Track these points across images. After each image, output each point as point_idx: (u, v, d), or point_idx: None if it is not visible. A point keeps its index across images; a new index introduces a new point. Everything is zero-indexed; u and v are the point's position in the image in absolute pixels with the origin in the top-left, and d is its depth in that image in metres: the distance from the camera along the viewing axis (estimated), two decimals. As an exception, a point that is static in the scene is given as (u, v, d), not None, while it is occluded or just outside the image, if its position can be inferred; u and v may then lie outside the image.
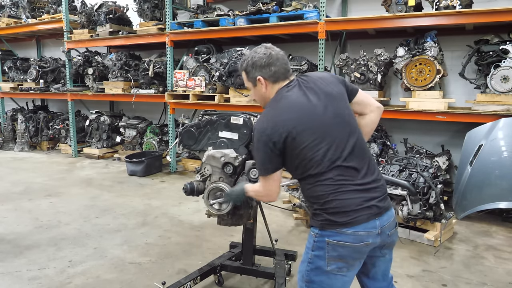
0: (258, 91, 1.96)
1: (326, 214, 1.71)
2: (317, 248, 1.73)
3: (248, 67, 1.93)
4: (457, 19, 4.46)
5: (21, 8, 8.40)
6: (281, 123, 1.75)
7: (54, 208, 4.67)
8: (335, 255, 1.70)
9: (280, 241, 3.42)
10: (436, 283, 3.01)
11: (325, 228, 1.71)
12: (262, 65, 1.88)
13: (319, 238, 1.73)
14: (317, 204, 1.75)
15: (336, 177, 1.72)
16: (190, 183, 2.58)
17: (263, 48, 1.93)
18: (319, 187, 1.73)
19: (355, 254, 1.72)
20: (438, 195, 3.62)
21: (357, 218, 1.69)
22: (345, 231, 1.68)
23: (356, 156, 1.77)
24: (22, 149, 8.32)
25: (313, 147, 1.73)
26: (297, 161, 1.77)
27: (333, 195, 1.71)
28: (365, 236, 1.70)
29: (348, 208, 1.69)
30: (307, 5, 5.38)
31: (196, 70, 6.20)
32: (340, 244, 1.68)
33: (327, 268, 1.71)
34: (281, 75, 1.90)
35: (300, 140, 1.74)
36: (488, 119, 4.20)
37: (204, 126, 2.68)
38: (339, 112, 1.82)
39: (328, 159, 1.73)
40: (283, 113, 1.78)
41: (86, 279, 3.03)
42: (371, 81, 5.14)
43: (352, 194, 1.71)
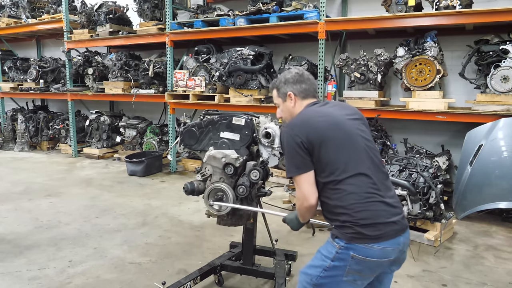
0: (286, 107, 2.04)
1: (356, 227, 1.68)
2: (338, 259, 1.72)
3: (280, 83, 2.04)
4: (457, 19, 4.46)
5: (21, 8, 8.40)
6: (309, 125, 1.82)
7: (54, 208, 4.67)
8: (356, 268, 1.69)
9: (280, 241, 3.42)
10: (436, 283, 3.01)
11: (353, 242, 1.69)
12: (294, 81, 2.01)
13: (343, 250, 1.71)
14: (346, 216, 1.71)
15: (363, 186, 1.73)
16: (191, 183, 2.58)
17: (295, 69, 2.08)
18: (348, 196, 1.72)
19: (376, 269, 1.73)
20: (438, 195, 3.62)
21: (387, 233, 1.69)
22: (373, 246, 1.67)
23: (378, 171, 1.81)
24: (22, 149, 8.32)
25: (338, 152, 1.76)
26: (323, 163, 1.77)
27: (363, 205, 1.70)
28: (390, 252, 1.70)
29: (378, 220, 1.69)
30: (307, 5, 5.38)
31: (196, 70, 6.20)
32: (366, 260, 1.68)
33: (344, 278, 1.71)
34: (310, 93, 2.02)
35: (327, 143, 1.77)
36: (488, 119, 4.20)
37: (206, 126, 2.68)
38: (362, 128, 1.90)
39: (354, 166, 1.75)
40: (311, 118, 1.86)
41: (86, 279, 3.03)
42: (371, 81, 5.14)
43: (380, 206, 1.72)
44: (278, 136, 2.55)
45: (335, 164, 1.74)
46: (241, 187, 2.46)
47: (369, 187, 1.73)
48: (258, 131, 2.59)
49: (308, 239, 3.79)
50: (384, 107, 5.15)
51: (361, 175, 1.74)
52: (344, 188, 1.72)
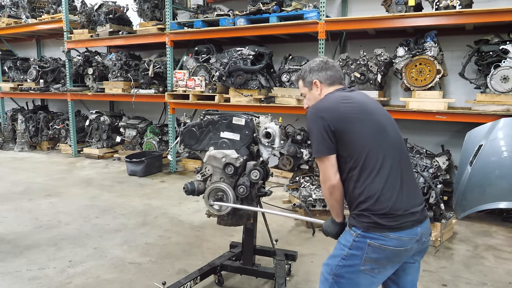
0: (313, 95, 2.03)
1: (374, 216, 1.70)
2: (356, 248, 1.74)
3: (306, 73, 2.04)
4: (457, 19, 4.46)
5: (21, 8, 8.40)
6: (335, 109, 1.82)
7: (54, 208, 4.67)
8: (373, 257, 1.71)
9: (280, 241, 3.42)
10: (436, 283, 3.01)
11: (370, 231, 1.71)
12: (319, 69, 2.01)
13: (360, 238, 1.73)
14: (365, 204, 1.73)
15: (387, 175, 1.73)
16: (191, 183, 2.58)
17: (319, 57, 2.09)
18: (370, 184, 1.73)
19: (393, 258, 1.74)
20: (438, 195, 3.62)
21: (404, 224, 1.71)
22: (390, 235, 1.69)
23: (403, 161, 1.82)
24: (22, 149, 8.32)
25: (364, 138, 1.76)
26: (349, 148, 1.78)
27: (384, 195, 1.71)
28: (407, 241, 1.72)
29: (397, 211, 1.71)
30: (307, 5, 5.39)
31: (196, 70, 6.20)
32: (382, 247, 1.70)
33: (361, 267, 1.73)
34: (336, 80, 2.01)
35: (353, 128, 1.77)
36: (488, 119, 4.20)
37: (206, 126, 2.68)
38: (390, 118, 1.94)
39: (381, 156, 1.75)
40: (337, 102, 1.85)
41: (86, 279, 3.03)
42: (371, 81, 5.14)
43: (401, 197, 1.73)
44: (278, 136, 2.55)
45: (360, 150, 1.75)
46: (241, 187, 2.46)
47: (392, 177, 1.74)
48: (258, 131, 2.59)
49: (308, 239, 3.79)
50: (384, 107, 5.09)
51: (385, 164, 1.75)
52: (367, 176, 1.74)
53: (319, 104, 1.89)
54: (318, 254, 3.42)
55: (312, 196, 4.05)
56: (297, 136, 5.66)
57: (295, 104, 5.41)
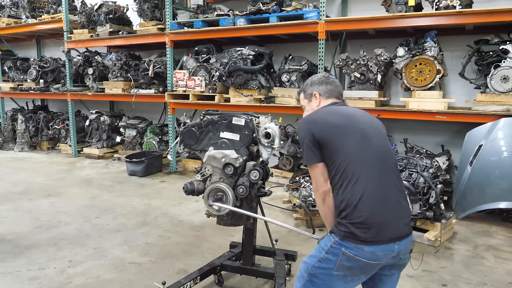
0: (311, 106, 2.13)
1: (351, 226, 1.72)
2: (332, 253, 1.77)
3: (307, 86, 2.16)
4: (457, 19, 4.46)
5: (21, 8, 8.40)
6: (322, 121, 1.91)
7: (54, 208, 4.67)
8: (346, 265, 1.74)
9: (280, 241, 3.42)
10: (436, 283, 3.01)
11: (346, 240, 1.74)
12: (320, 82, 2.12)
13: (336, 245, 1.76)
14: (344, 212, 1.75)
15: (369, 186, 1.75)
16: (191, 183, 2.58)
17: (322, 73, 2.23)
18: (349, 193, 1.75)
19: (365, 269, 1.76)
20: (438, 195, 3.62)
21: (379, 239, 1.72)
22: (364, 247, 1.71)
23: (389, 173, 1.84)
24: (22, 149, 8.32)
25: (348, 149, 1.80)
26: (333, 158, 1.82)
27: (363, 205, 1.72)
28: (381, 256, 1.73)
29: (373, 224, 1.71)
30: (307, 5, 5.38)
31: (196, 70, 6.20)
32: (355, 258, 1.72)
33: (334, 272, 1.76)
34: (334, 94, 2.11)
35: (337, 139, 1.83)
36: (488, 119, 4.20)
37: (206, 126, 2.68)
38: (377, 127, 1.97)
39: (362, 165, 1.78)
40: (325, 114, 1.96)
41: (86, 279, 3.03)
42: (371, 81, 5.14)
43: (381, 208, 1.74)
44: (278, 136, 2.55)
45: (342, 158, 1.79)
46: (241, 187, 2.46)
47: (373, 187, 1.75)
48: (258, 131, 2.59)
49: (308, 239, 3.79)
50: (384, 107, 5.15)
51: (367, 174, 1.76)
52: (347, 183, 1.76)
53: (308, 116, 1.99)
54: (318, 254, 3.42)
55: (312, 196, 4.04)
56: (297, 136, 5.65)
57: (295, 104, 5.41)
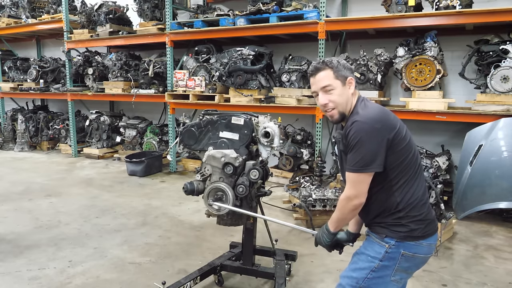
0: (345, 92, 1.82)
1: (412, 224, 1.72)
2: (388, 259, 1.73)
3: (338, 65, 1.82)
4: (457, 19, 4.46)
5: (21, 8, 8.40)
6: (393, 121, 1.75)
7: (54, 208, 4.66)
8: (405, 266, 1.73)
9: (280, 241, 3.42)
10: (436, 283, 3.01)
11: (406, 240, 1.72)
12: (351, 70, 1.87)
13: (394, 249, 1.72)
14: (403, 212, 1.73)
15: (420, 185, 1.78)
16: (190, 183, 2.58)
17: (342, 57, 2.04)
18: (409, 194, 1.74)
19: (420, 265, 1.79)
20: (438, 195, 3.62)
21: (433, 229, 1.76)
22: (422, 243, 1.73)
23: (422, 171, 1.87)
24: (22, 149, 8.32)
25: (408, 151, 1.77)
26: (398, 160, 1.73)
27: (419, 204, 1.75)
28: (433, 247, 1.77)
29: (430, 217, 1.77)
30: (307, 5, 5.38)
31: (196, 70, 6.20)
32: (414, 256, 1.72)
33: (392, 278, 1.74)
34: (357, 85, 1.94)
35: (402, 140, 1.74)
36: (488, 119, 4.20)
37: (205, 126, 2.68)
38: None
39: (417, 166, 1.79)
40: (390, 114, 1.79)
41: (86, 279, 3.03)
42: (371, 81, 5.14)
43: (427, 205, 1.79)
44: (277, 136, 2.55)
45: (408, 161, 1.76)
46: (241, 186, 2.46)
47: (422, 187, 1.80)
48: (257, 131, 2.59)
49: (308, 239, 3.79)
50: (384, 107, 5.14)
51: (418, 175, 1.79)
52: (410, 185, 1.75)
53: (375, 115, 1.73)
54: (318, 254, 3.42)
55: (312, 196, 4.04)
56: (297, 136, 5.66)
57: (295, 104, 5.41)
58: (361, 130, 1.68)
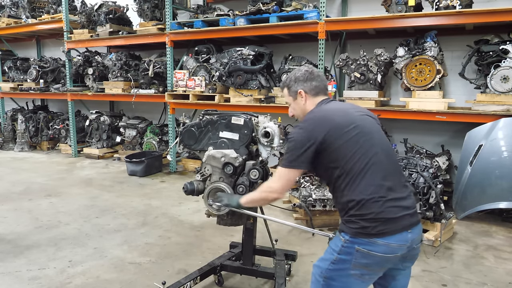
0: (298, 104, 2.06)
1: (362, 221, 1.71)
2: (344, 253, 1.75)
3: (291, 82, 2.07)
4: (457, 19, 4.46)
5: (21, 8, 8.40)
6: (329, 121, 1.84)
7: (54, 208, 4.66)
8: (362, 262, 1.72)
9: (280, 241, 3.42)
10: (436, 283, 3.01)
11: (358, 236, 1.72)
12: (304, 79, 2.03)
13: (348, 244, 1.74)
14: (354, 210, 1.74)
15: (375, 182, 1.75)
16: (190, 183, 2.58)
17: (304, 66, 2.11)
18: (361, 186, 1.74)
19: (383, 264, 1.74)
20: (438, 195, 3.62)
21: (391, 229, 1.71)
22: (377, 241, 1.69)
23: (393, 168, 1.84)
24: (22, 149, 8.32)
25: (362, 141, 1.79)
26: (343, 152, 1.79)
27: (372, 201, 1.72)
28: (396, 248, 1.71)
29: (385, 216, 1.71)
30: (307, 5, 5.38)
31: (196, 70, 6.20)
32: (370, 253, 1.70)
33: (351, 271, 1.74)
34: (321, 91, 2.05)
35: (350, 130, 1.80)
36: (488, 119, 4.20)
37: (205, 126, 2.68)
38: (377, 125, 1.96)
39: (363, 165, 1.76)
40: (330, 115, 1.89)
41: (86, 279, 3.03)
42: (371, 81, 5.14)
43: (390, 203, 1.73)
44: (277, 136, 2.55)
45: (351, 159, 1.77)
46: (241, 186, 2.46)
47: (381, 184, 1.75)
48: (257, 131, 2.59)
49: (308, 239, 3.79)
50: (384, 107, 5.15)
51: (375, 172, 1.76)
52: (356, 183, 1.75)
53: (312, 118, 1.91)
54: (318, 254, 3.41)
55: (312, 196, 4.04)
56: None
57: (295, 104, 5.39)
58: (291, 134, 1.90)
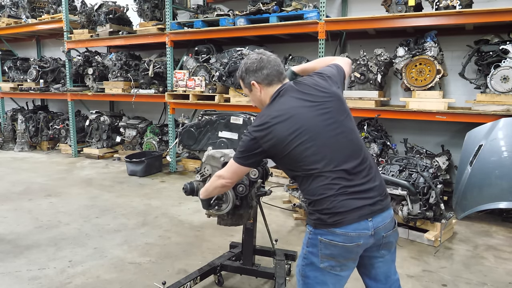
0: (254, 95, 2.04)
1: (318, 214, 1.75)
2: (311, 245, 1.78)
3: (243, 73, 2.01)
4: (457, 19, 4.46)
5: (21, 8, 8.40)
6: (273, 133, 1.78)
7: (54, 208, 4.67)
8: (327, 253, 1.73)
9: (280, 241, 3.42)
10: (436, 283, 3.01)
11: (318, 227, 1.76)
12: (254, 69, 1.96)
13: (312, 235, 1.77)
14: (312, 204, 1.78)
15: (328, 179, 1.73)
16: (190, 183, 2.58)
17: (254, 54, 2.01)
18: (312, 187, 1.76)
19: (347, 254, 1.74)
20: (438, 195, 3.62)
21: (346, 219, 1.70)
22: (335, 231, 1.71)
23: (351, 157, 1.77)
24: (22, 149, 8.32)
25: (305, 149, 1.75)
26: (290, 161, 1.79)
27: (326, 197, 1.72)
28: (356, 237, 1.71)
29: (339, 209, 1.71)
30: (307, 5, 5.38)
31: (196, 70, 6.20)
32: (331, 243, 1.71)
33: (321, 265, 1.75)
34: (275, 78, 1.96)
35: (292, 141, 1.75)
36: (488, 119, 4.20)
37: (204, 126, 2.68)
38: (333, 115, 1.82)
39: (321, 160, 1.74)
40: (275, 123, 1.79)
41: (86, 279, 3.03)
42: (371, 81, 5.14)
43: (345, 196, 1.72)
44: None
45: (299, 165, 1.77)
46: (241, 186, 2.45)
47: (335, 179, 1.72)
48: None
49: (308, 239, 3.79)
50: (384, 107, 5.15)
51: (330, 166, 1.73)
52: (308, 184, 1.77)
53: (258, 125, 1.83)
54: (318, 254, 3.42)
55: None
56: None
57: (295, 104, 5.40)
58: (245, 133, 1.90)
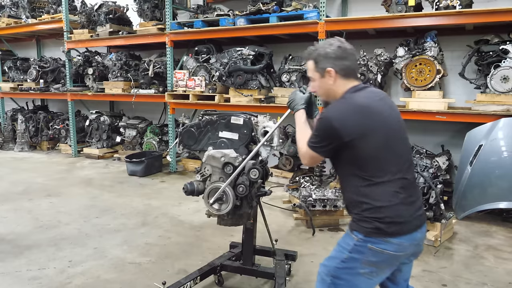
0: (324, 83, 1.88)
1: (377, 223, 1.70)
2: (356, 252, 1.74)
3: (320, 56, 1.86)
4: (457, 19, 4.45)
5: (21, 8, 8.40)
6: (351, 122, 1.73)
7: (54, 208, 4.66)
8: (373, 260, 1.72)
9: (280, 241, 3.41)
10: (436, 283, 3.01)
11: (371, 235, 1.71)
12: (336, 57, 1.83)
13: (361, 243, 1.73)
14: (369, 211, 1.72)
15: (396, 186, 1.73)
16: (190, 183, 2.58)
17: (336, 40, 1.87)
18: (378, 192, 1.72)
19: (392, 261, 1.76)
20: (438, 195, 3.62)
21: (404, 229, 1.72)
22: (391, 240, 1.70)
23: (410, 170, 1.83)
24: (22, 149, 8.31)
25: (380, 150, 1.74)
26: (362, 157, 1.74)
27: (390, 205, 1.71)
28: (407, 247, 1.74)
29: (401, 218, 1.72)
30: (307, 5, 5.38)
31: (196, 70, 6.20)
32: (383, 252, 1.70)
33: (361, 270, 1.73)
34: (352, 73, 1.87)
35: (371, 139, 1.72)
36: (488, 119, 4.20)
37: (204, 126, 2.68)
38: (402, 126, 1.87)
39: (393, 167, 1.75)
40: (359, 113, 1.75)
41: (86, 279, 3.03)
42: (371, 81, 5.13)
43: (405, 206, 1.74)
44: (276, 135, 2.54)
45: (373, 161, 1.73)
46: (241, 186, 2.45)
47: (400, 187, 1.74)
48: (256, 130, 2.59)
49: (308, 239, 3.79)
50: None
51: (395, 175, 1.74)
52: (376, 185, 1.73)
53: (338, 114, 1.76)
54: (318, 254, 3.42)
55: (312, 196, 4.04)
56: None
57: (295, 104, 5.39)
58: (321, 123, 1.80)
